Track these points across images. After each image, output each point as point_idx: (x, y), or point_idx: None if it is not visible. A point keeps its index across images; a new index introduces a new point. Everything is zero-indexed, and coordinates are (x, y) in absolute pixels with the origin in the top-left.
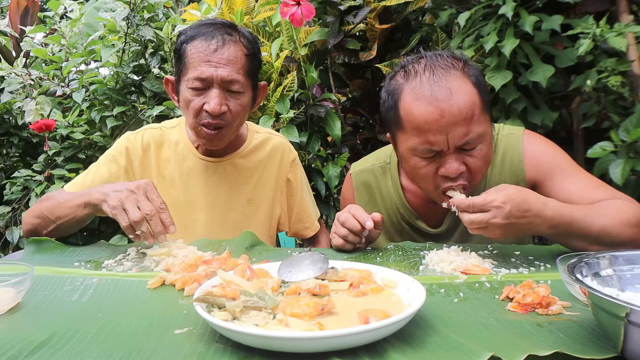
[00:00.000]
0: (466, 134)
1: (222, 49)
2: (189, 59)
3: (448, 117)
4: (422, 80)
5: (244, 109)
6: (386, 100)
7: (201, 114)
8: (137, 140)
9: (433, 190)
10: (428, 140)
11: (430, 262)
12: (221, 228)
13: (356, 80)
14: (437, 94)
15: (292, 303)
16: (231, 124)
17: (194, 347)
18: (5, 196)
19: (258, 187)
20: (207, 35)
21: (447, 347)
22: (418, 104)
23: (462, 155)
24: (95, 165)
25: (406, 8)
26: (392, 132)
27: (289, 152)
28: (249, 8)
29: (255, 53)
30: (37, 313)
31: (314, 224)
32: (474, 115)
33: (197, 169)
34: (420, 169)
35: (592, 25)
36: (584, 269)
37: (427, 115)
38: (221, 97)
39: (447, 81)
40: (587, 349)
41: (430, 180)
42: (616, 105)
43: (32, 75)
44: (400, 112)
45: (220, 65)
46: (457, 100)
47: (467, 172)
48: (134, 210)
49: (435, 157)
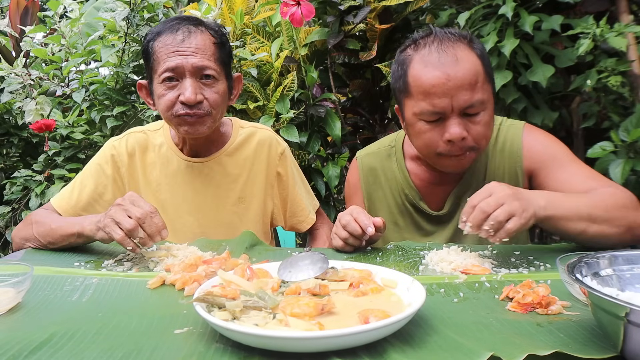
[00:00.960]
0: (470, 98)
1: (189, 38)
2: (157, 54)
3: (453, 81)
4: (431, 50)
5: (221, 97)
6: (396, 70)
7: (176, 106)
8: (122, 146)
9: (435, 156)
10: (434, 103)
11: (430, 262)
12: (213, 229)
13: (356, 80)
14: (444, 60)
15: (292, 303)
16: (211, 113)
17: (194, 346)
18: (5, 196)
19: (248, 184)
20: (172, 28)
21: (447, 347)
22: (426, 70)
23: (465, 121)
24: (81, 177)
25: (406, 8)
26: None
27: (277, 144)
28: (249, 8)
29: (224, 42)
30: (37, 313)
31: (309, 217)
32: (477, 82)
33: (182, 171)
34: (425, 133)
35: (592, 25)
36: (583, 268)
37: (433, 79)
38: (195, 86)
39: (454, 50)
40: (587, 349)
41: (434, 145)
42: (616, 105)
43: (32, 75)
44: (409, 79)
45: (189, 53)
46: (462, 67)
47: (471, 139)
48: (125, 220)
49: (440, 121)
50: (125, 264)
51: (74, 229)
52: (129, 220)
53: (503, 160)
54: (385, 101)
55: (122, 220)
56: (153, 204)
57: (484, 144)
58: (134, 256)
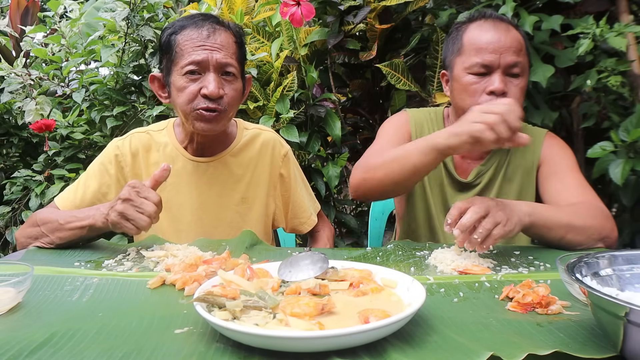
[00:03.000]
0: (515, 59)
1: (214, 35)
2: (181, 47)
3: (504, 42)
4: (486, 20)
5: (238, 94)
6: (450, 38)
7: (197, 99)
8: (126, 146)
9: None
10: (484, 57)
11: (431, 262)
12: (215, 229)
13: (356, 80)
14: (497, 27)
15: (292, 303)
16: (227, 110)
17: (194, 346)
18: (5, 196)
19: (251, 184)
20: (197, 23)
21: (447, 347)
22: (480, 30)
23: (506, 79)
24: (84, 177)
25: (406, 8)
26: (449, 63)
27: (280, 146)
28: (249, 8)
29: (242, 43)
30: (37, 313)
31: (310, 219)
32: (522, 49)
33: (187, 170)
34: (471, 85)
35: (592, 25)
36: (583, 268)
37: (488, 38)
38: (218, 81)
39: (504, 24)
40: (587, 349)
41: (477, 96)
42: (616, 105)
43: (32, 75)
44: (464, 39)
45: (215, 49)
46: (511, 35)
47: (508, 97)
48: (140, 217)
49: (485, 76)
50: (125, 264)
51: (84, 223)
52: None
53: (525, 153)
54: (385, 101)
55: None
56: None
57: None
58: (134, 256)
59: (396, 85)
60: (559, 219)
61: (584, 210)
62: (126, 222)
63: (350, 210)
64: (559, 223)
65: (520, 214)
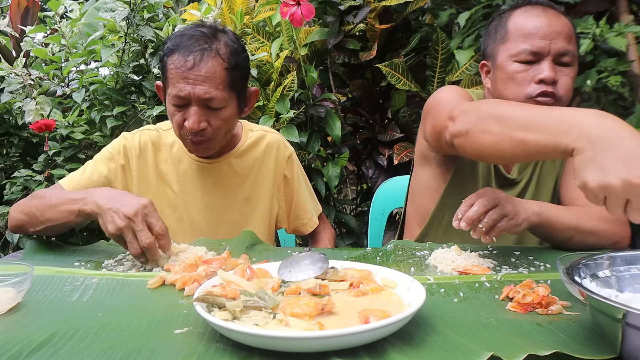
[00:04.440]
0: (566, 46)
1: (199, 65)
2: (169, 74)
3: (554, 27)
4: (533, 6)
5: (227, 121)
6: (493, 26)
7: (183, 129)
8: (135, 140)
9: (524, 98)
10: (533, 43)
11: (431, 262)
12: (219, 228)
13: (356, 80)
14: (546, 12)
15: (292, 303)
16: (214, 137)
17: (194, 346)
18: (5, 196)
19: (255, 185)
20: (186, 49)
21: (447, 347)
22: (529, 17)
23: (556, 68)
24: (92, 163)
25: (406, 8)
26: (491, 51)
27: (285, 148)
28: (249, 8)
29: (238, 63)
30: (37, 313)
31: (312, 220)
32: (572, 37)
33: (192, 171)
34: (518, 74)
35: (592, 25)
36: (582, 270)
37: (537, 22)
38: (200, 115)
39: (553, 9)
40: (587, 349)
41: (525, 85)
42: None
43: (32, 75)
44: (509, 26)
45: (197, 82)
46: (562, 20)
47: (560, 88)
48: (133, 243)
49: (534, 64)
50: (125, 264)
51: (74, 207)
52: (136, 245)
53: None
54: (385, 101)
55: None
56: (163, 199)
57: (566, 99)
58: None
59: (396, 85)
60: (567, 221)
61: (595, 214)
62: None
63: (350, 210)
64: (567, 225)
65: (529, 211)
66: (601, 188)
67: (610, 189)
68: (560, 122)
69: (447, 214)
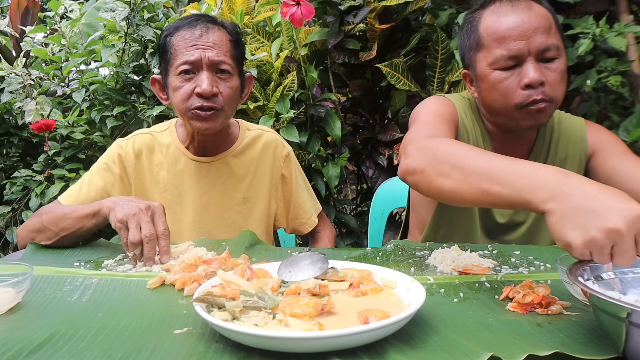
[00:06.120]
0: (545, 40)
1: (207, 34)
2: (175, 48)
3: (528, 23)
4: (502, 3)
5: (234, 92)
6: (465, 32)
7: (192, 99)
8: (129, 146)
9: (513, 110)
10: (509, 47)
11: (431, 262)
12: (217, 228)
13: (356, 80)
14: (517, 7)
15: (291, 303)
16: (224, 108)
17: (194, 347)
18: (5, 196)
19: (253, 185)
20: (191, 24)
21: (447, 347)
22: (499, 18)
23: (541, 66)
24: (89, 175)
25: (406, 8)
26: (469, 61)
27: (282, 147)
28: (249, 8)
29: (238, 41)
30: (37, 313)
31: (311, 219)
32: (551, 27)
33: (189, 170)
34: (501, 83)
35: (592, 25)
36: (585, 271)
37: (508, 24)
38: (211, 79)
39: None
40: (587, 349)
41: (511, 95)
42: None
43: (32, 75)
44: (481, 32)
45: (207, 47)
46: (535, 12)
47: (549, 87)
48: (134, 231)
49: (516, 68)
50: (125, 264)
51: (89, 209)
52: (137, 234)
53: (569, 144)
54: (385, 101)
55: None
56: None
57: (559, 96)
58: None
59: (396, 85)
60: None
61: None
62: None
63: (350, 210)
64: None
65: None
66: (586, 245)
67: (595, 242)
68: (522, 178)
69: (442, 228)
